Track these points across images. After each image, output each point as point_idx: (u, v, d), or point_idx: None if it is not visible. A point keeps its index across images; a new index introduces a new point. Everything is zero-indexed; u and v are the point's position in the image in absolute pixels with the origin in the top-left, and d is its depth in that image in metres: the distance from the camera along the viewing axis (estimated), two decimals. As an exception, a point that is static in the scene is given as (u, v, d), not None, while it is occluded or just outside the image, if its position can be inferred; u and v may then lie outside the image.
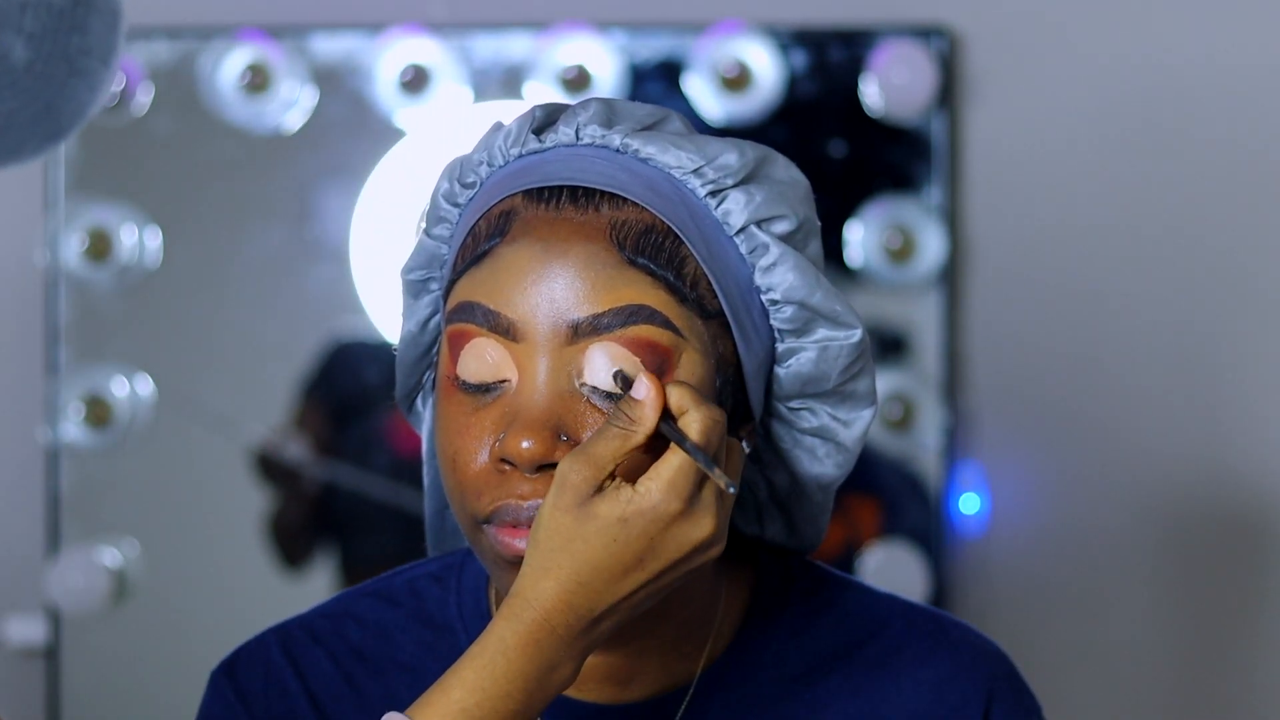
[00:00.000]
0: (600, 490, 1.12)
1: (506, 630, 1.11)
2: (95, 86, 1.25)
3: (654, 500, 1.11)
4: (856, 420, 1.23)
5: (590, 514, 1.11)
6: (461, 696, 1.11)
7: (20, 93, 1.20)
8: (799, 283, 1.19)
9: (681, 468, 1.12)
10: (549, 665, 1.12)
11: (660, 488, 1.11)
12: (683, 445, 1.11)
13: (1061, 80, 2.41)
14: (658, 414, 1.12)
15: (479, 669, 1.11)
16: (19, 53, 1.19)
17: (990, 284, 2.42)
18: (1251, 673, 2.42)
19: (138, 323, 2.42)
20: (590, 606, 1.12)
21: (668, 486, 1.11)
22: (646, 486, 1.11)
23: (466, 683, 1.11)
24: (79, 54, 1.22)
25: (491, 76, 2.41)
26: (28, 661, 2.43)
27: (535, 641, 1.11)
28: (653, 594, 1.14)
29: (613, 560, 1.11)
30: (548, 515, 1.12)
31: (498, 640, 1.11)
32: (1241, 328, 2.41)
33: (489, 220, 1.18)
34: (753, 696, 1.25)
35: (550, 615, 1.11)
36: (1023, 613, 2.42)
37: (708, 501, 1.13)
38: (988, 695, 1.27)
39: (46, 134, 1.25)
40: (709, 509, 1.12)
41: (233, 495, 2.43)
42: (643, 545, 1.12)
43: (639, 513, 1.11)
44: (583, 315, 1.15)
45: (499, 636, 1.11)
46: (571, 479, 1.11)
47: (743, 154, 1.19)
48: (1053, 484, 2.42)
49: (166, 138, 2.42)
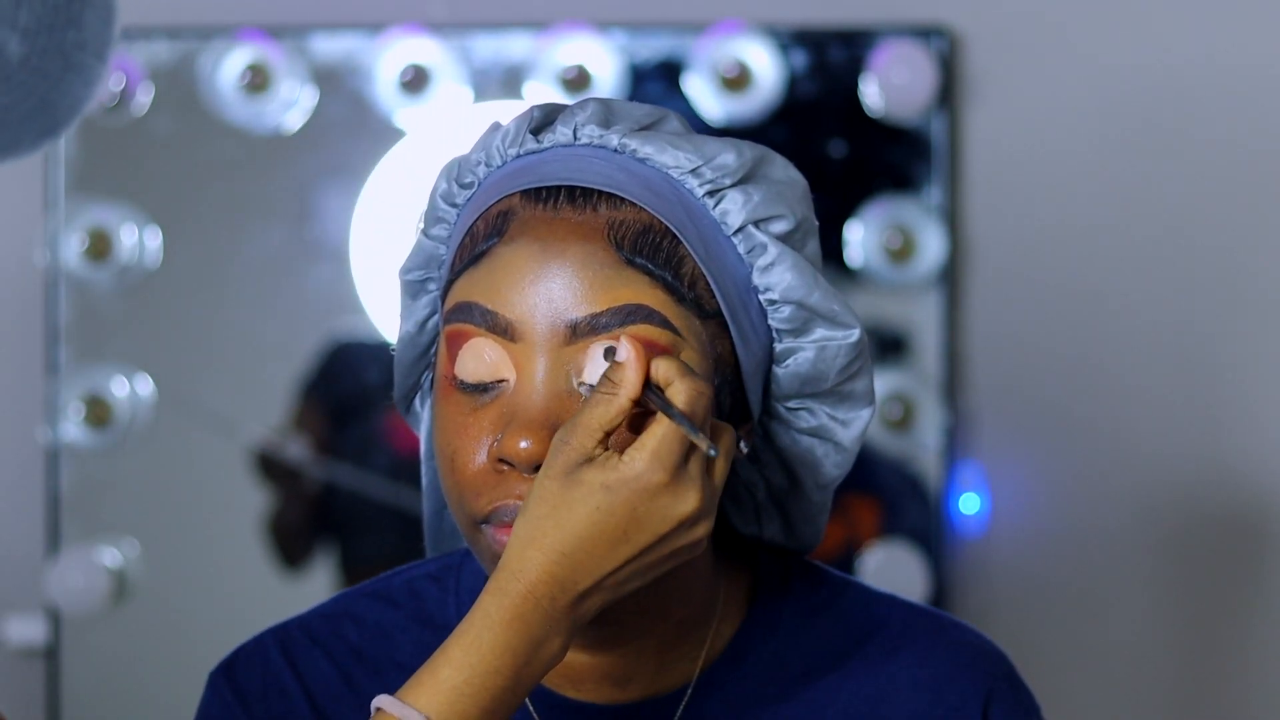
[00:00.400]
0: (590, 460, 1.12)
1: (492, 605, 1.11)
2: (90, 81, 1.24)
3: (638, 469, 1.11)
4: (855, 420, 1.23)
5: (577, 480, 1.11)
6: (450, 674, 1.11)
7: (15, 88, 1.20)
8: (797, 282, 1.19)
9: (666, 437, 1.11)
10: (535, 640, 1.11)
11: (644, 457, 1.11)
12: (668, 413, 1.11)
13: (1061, 80, 2.41)
14: (640, 375, 1.12)
15: (466, 646, 1.11)
16: (14, 47, 1.19)
17: (990, 284, 2.42)
18: (1251, 672, 2.42)
19: (138, 323, 2.42)
20: (574, 579, 1.11)
21: (651, 456, 1.11)
22: (631, 455, 1.11)
23: (454, 660, 1.11)
24: (74, 49, 1.22)
25: (491, 76, 2.41)
26: (28, 661, 2.43)
27: (521, 615, 1.11)
28: (639, 571, 1.13)
29: (596, 530, 1.11)
30: (538, 483, 1.12)
31: (483, 615, 1.11)
32: (1241, 328, 2.41)
33: (487, 220, 1.18)
34: (751, 696, 1.25)
35: (535, 587, 1.11)
36: (1023, 613, 2.42)
37: (694, 474, 1.12)
38: (986, 695, 1.27)
39: (41, 129, 1.24)
40: (694, 482, 1.12)
41: (232, 495, 2.43)
42: (625, 514, 1.11)
43: (623, 481, 1.11)
44: (580, 315, 1.15)
45: (485, 612, 1.11)
46: (561, 447, 1.12)
47: (740, 154, 1.19)
48: (1053, 484, 2.42)
49: (166, 138, 2.42)
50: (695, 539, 1.14)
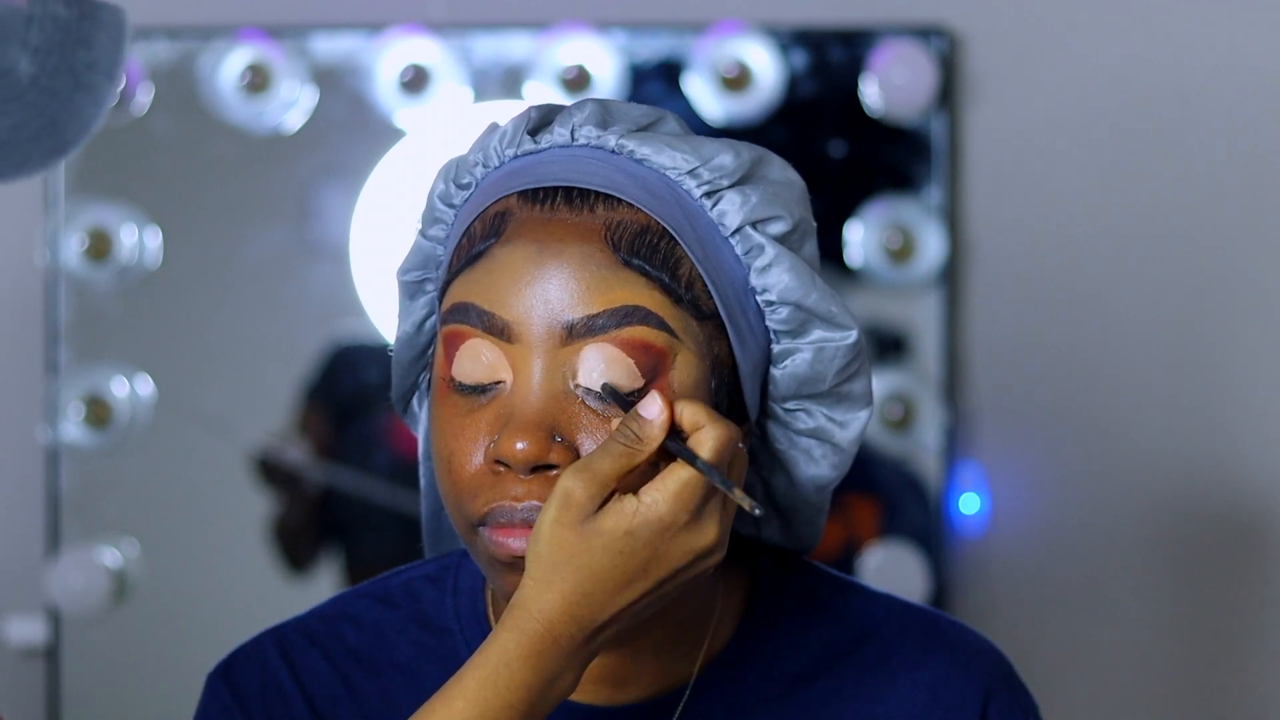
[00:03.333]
0: (603, 505, 1.12)
1: (509, 641, 1.11)
2: (100, 100, 1.24)
3: (660, 512, 1.11)
4: (852, 421, 1.23)
5: (595, 530, 1.11)
6: (464, 707, 1.11)
7: (24, 107, 1.20)
8: (794, 284, 1.19)
9: (689, 482, 1.11)
10: (551, 676, 1.11)
11: (667, 499, 1.11)
12: (694, 464, 1.11)
13: (1061, 80, 2.41)
14: (664, 434, 1.12)
15: (482, 680, 1.11)
16: (24, 66, 1.18)
17: (990, 284, 2.42)
18: (1251, 672, 2.42)
19: (138, 323, 2.42)
20: (594, 617, 1.12)
21: (674, 499, 1.11)
22: (653, 498, 1.11)
23: (469, 693, 1.11)
24: (84, 69, 1.21)
25: (491, 76, 2.41)
26: (28, 661, 2.43)
27: (538, 653, 1.11)
28: (654, 602, 1.14)
29: (617, 572, 1.11)
30: (549, 530, 1.11)
31: (500, 651, 1.11)
32: (1241, 328, 2.41)
33: (484, 221, 1.18)
34: (749, 697, 1.25)
35: (554, 626, 1.11)
36: (1023, 613, 2.42)
37: (712, 510, 1.13)
38: (984, 694, 1.27)
39: (50, 149, 1.24)
40: (713, 517, 1.13)
41: (232, 495, 2.43)
42: (648, 555, 1.11)
43: (645, 524, 1.11)
44: (577, 316, 1.15)
45: (502, 647, 1.11)
46: (576, 495, 1.11)
47: (738, 155, 1.19)
48: (1053, 484, 2.42)
49: (166, 138, 2.42)
50: (709, 565, 1.14)
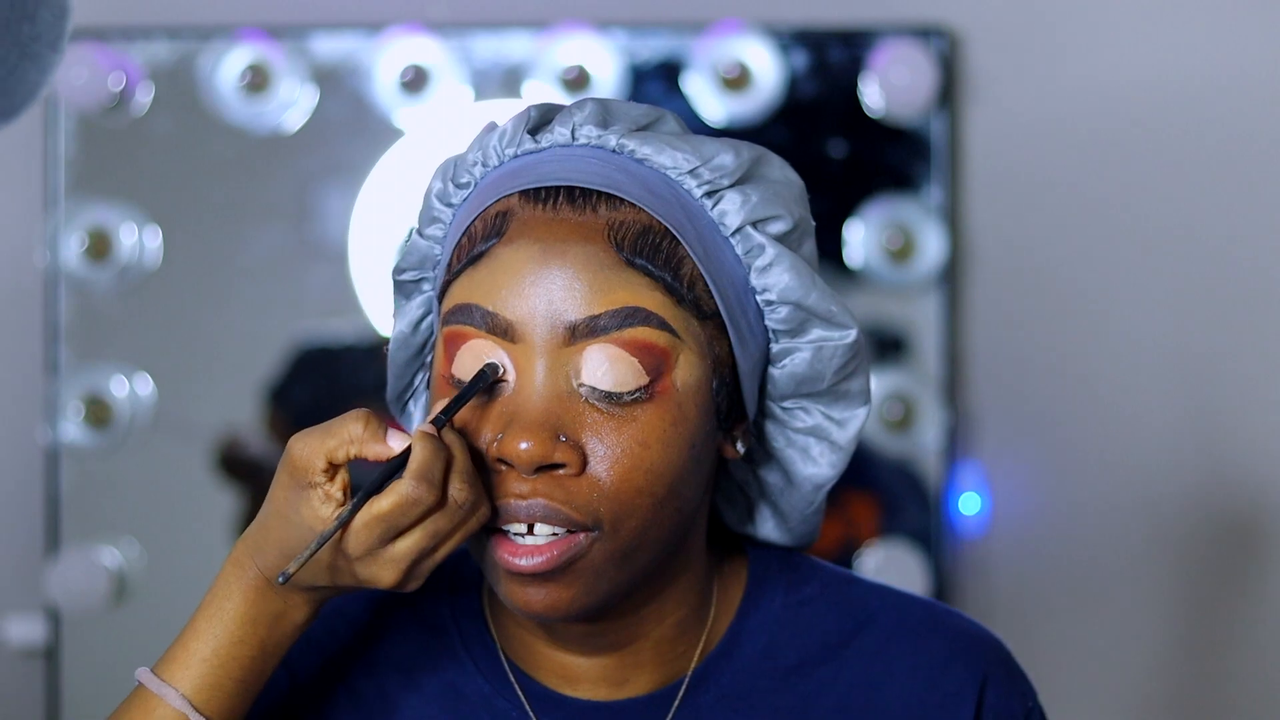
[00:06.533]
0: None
1: (231, 577, 1.17)
2: (45, 69, 1.37)
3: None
4: (851, 420, 1.23)
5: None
6: (198, 647, 1.16)
7: None
8: (794, 283, 1.19)
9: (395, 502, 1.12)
10: (275, 611, 1.16)
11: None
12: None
13: (1061, 80, 2.41)
14: None
15: (210, 618, 1.16)
16: None
17: (990, 284, 2.42)
18: (1249, 671, 2.42)
19: (138, 323, 2.42)
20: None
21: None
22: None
23: (200, 633, 1.16)
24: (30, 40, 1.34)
25: (491, 76, 2.41)
26: (28, 661, 2.43)
27: (257, 587, 1.16)
28: None
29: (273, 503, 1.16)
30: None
31: (223, 586, 1.17)
32: (1240, 327, 2.41)
33: (485, 220, 1.18)
34: (747, 689, 1.25)
35: (240, 558, 1.17)
36: (1022, 612, 2.42)
37: (392, 555, 1.13)
38: (982, 680, 1.27)
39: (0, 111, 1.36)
40: (390, 561, 1.13)
41: (232, 495, 2.43)
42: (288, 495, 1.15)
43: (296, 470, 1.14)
44: (580, 317, 1.15)
45: (225, 582, 1.17)
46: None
47: (738, 154, 1.19)
48: (1053, 484, 2.42)
49: (166, 138, 2.42)
50: None
